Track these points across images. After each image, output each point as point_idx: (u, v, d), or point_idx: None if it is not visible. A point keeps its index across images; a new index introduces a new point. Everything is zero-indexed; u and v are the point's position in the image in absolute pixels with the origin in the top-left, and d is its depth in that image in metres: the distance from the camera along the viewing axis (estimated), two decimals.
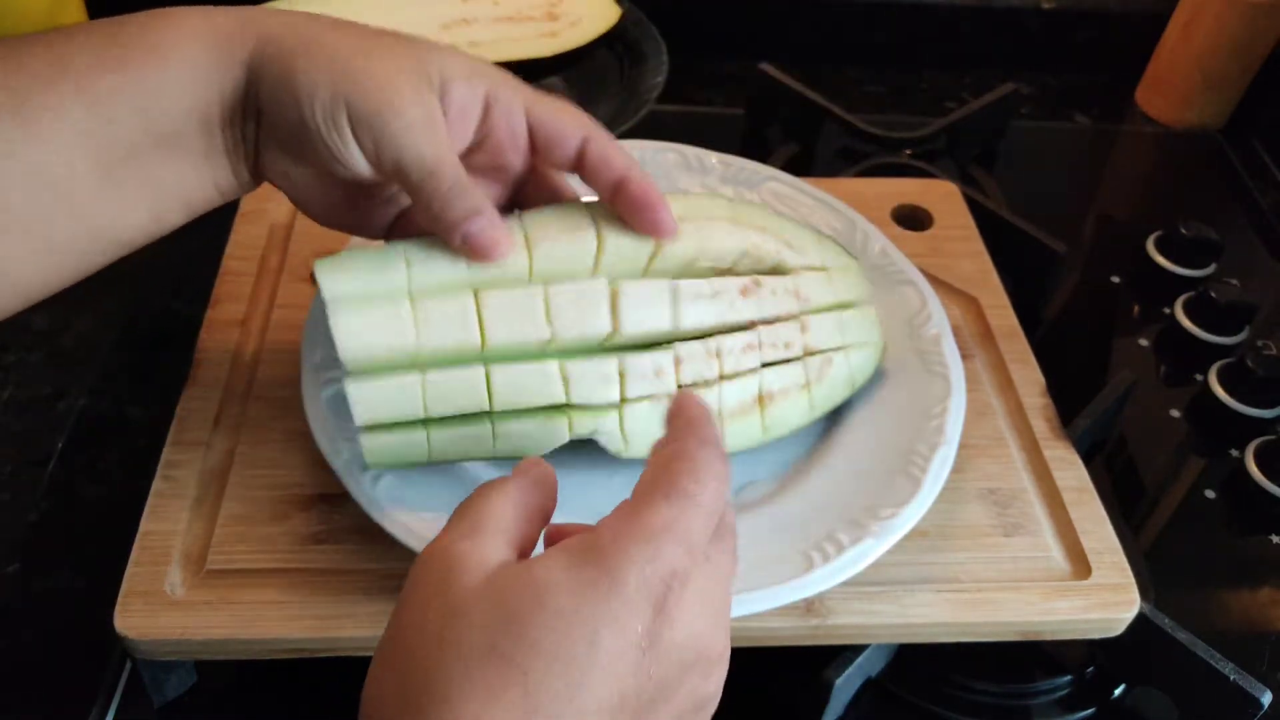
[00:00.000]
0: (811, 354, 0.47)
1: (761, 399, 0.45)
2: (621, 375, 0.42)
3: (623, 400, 0.42)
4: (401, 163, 0.38)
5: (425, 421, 0.41)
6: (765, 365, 0.45)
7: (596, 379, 0.42)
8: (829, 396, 0.48)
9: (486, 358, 0.41)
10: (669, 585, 0.29)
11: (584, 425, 0.42)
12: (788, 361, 0.46)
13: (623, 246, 0.42)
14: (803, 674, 0.46)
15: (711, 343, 0.44)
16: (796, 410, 0.46)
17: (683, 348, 0.43)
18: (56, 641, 0.48)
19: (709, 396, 0.43)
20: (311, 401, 0.46)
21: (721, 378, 0.44)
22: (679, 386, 0.43)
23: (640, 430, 0.43)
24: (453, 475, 0.46)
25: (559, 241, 0.41)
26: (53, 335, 0.62)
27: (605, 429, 0.42)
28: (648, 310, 0.42)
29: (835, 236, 0.54)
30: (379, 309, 0.39)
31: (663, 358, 0.43)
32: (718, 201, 0.47)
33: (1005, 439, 0.52)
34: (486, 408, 0.41)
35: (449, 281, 0.40)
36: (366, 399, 0.40)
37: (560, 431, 0.42)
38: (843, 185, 0.65)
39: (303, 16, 0.39)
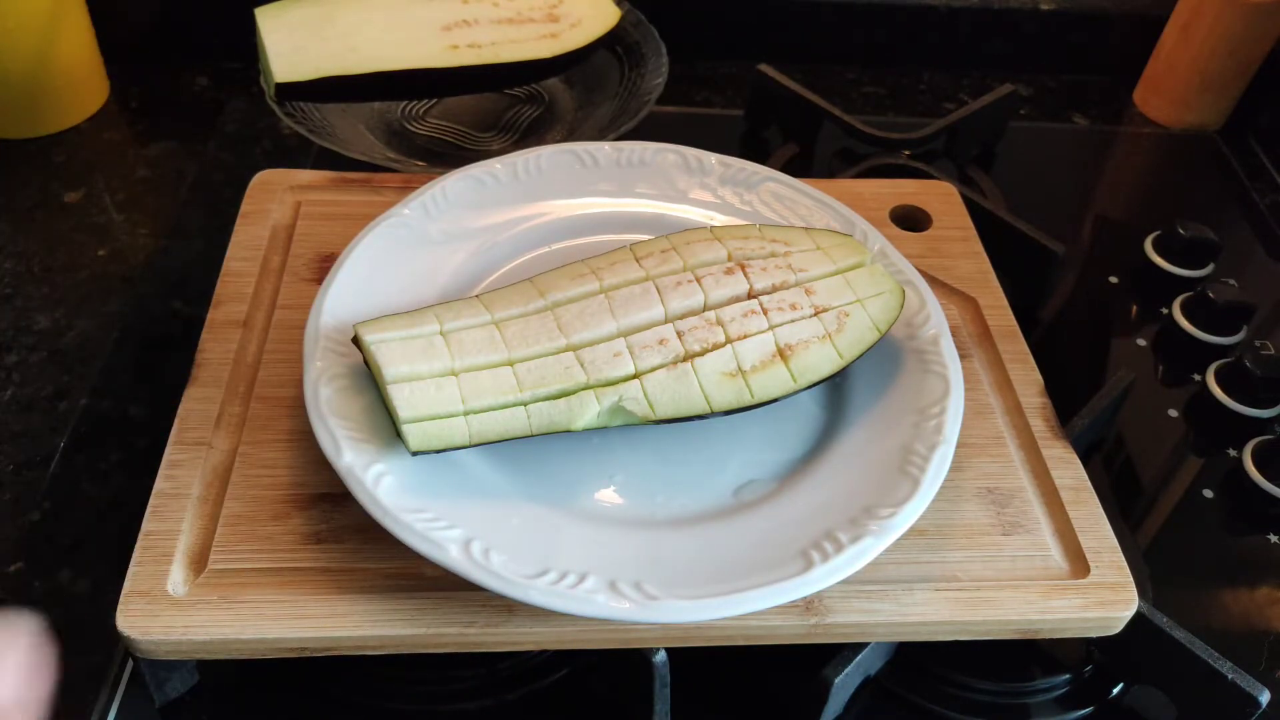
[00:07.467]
0: (823, 311, 0.50)
1: (781, 352, 0.48)
2: (630, 349, 0.47)
3: (638, 373, 0.46)
4: None
5: (465, 413, 0.45)
6: (777, 326, 0.49)
7: (609, 356, 0.47)
8: (855, 343, 0.50)
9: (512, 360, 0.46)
10: None
11: (608, 397, 0.46)
12: (798, 321, 0.49)
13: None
14: (801, 672, 0.46)
15: (710, 313, 0.49)
16: (824, 359, 0.49)
17: (682, 320, 0.48)
18: (58, 641, 0.49)
19: (724, 355, 0.48)
20: (313, 401, 0.46)
21: (729, 340, 0.48)
22: (689, 352, 0.47)
23: (661, 396, 0.46)
24: (456, 475, 0.46)
25: (568, 290, 0.49)
26: (55, 335, 0.62)
27: (630, 395, 0.46)
28: (639, 302, 0.48)
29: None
30: (417, 342, 0.46)
31: (664, 329, 0.48)
32: (700, 230, 0.53)
33: (1004, 438, 0.52)
34: (518, 398, 0.45)
35: (475, 323, 0.47)
36: (407, 399, 0.44)
37: (590, 406, 0.46)
38: (841, 186, 0.65)
39: None
